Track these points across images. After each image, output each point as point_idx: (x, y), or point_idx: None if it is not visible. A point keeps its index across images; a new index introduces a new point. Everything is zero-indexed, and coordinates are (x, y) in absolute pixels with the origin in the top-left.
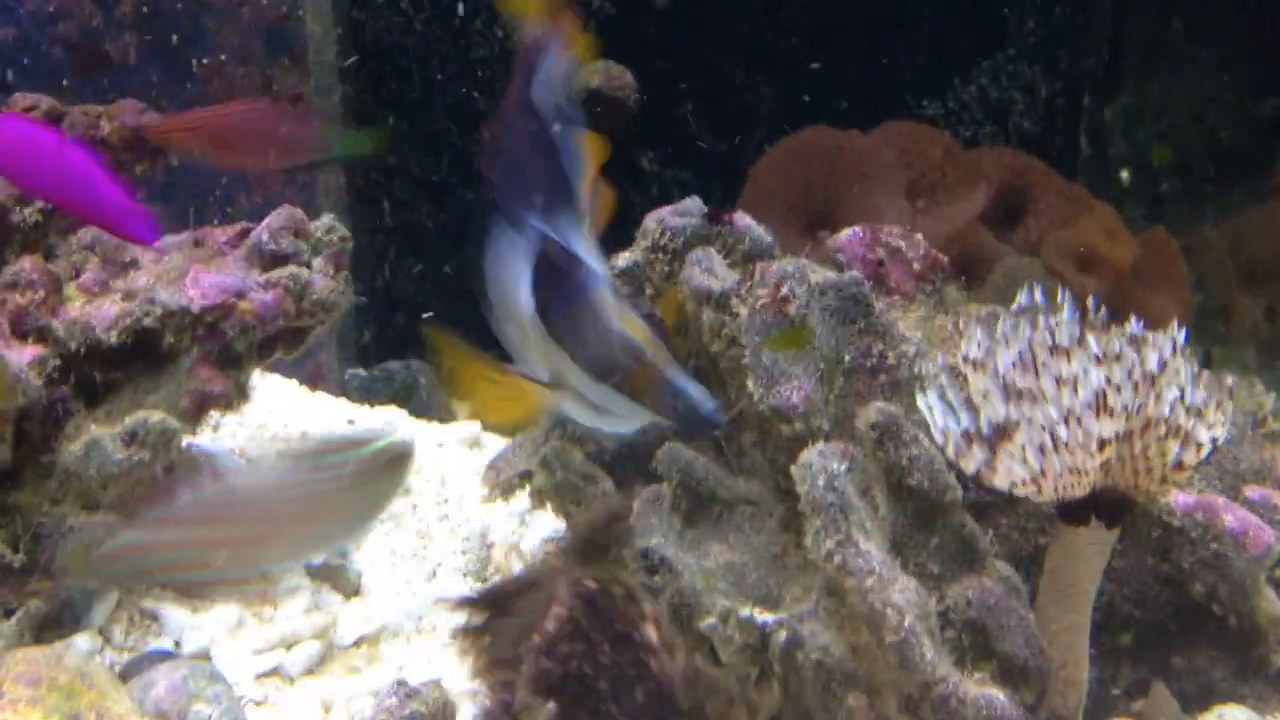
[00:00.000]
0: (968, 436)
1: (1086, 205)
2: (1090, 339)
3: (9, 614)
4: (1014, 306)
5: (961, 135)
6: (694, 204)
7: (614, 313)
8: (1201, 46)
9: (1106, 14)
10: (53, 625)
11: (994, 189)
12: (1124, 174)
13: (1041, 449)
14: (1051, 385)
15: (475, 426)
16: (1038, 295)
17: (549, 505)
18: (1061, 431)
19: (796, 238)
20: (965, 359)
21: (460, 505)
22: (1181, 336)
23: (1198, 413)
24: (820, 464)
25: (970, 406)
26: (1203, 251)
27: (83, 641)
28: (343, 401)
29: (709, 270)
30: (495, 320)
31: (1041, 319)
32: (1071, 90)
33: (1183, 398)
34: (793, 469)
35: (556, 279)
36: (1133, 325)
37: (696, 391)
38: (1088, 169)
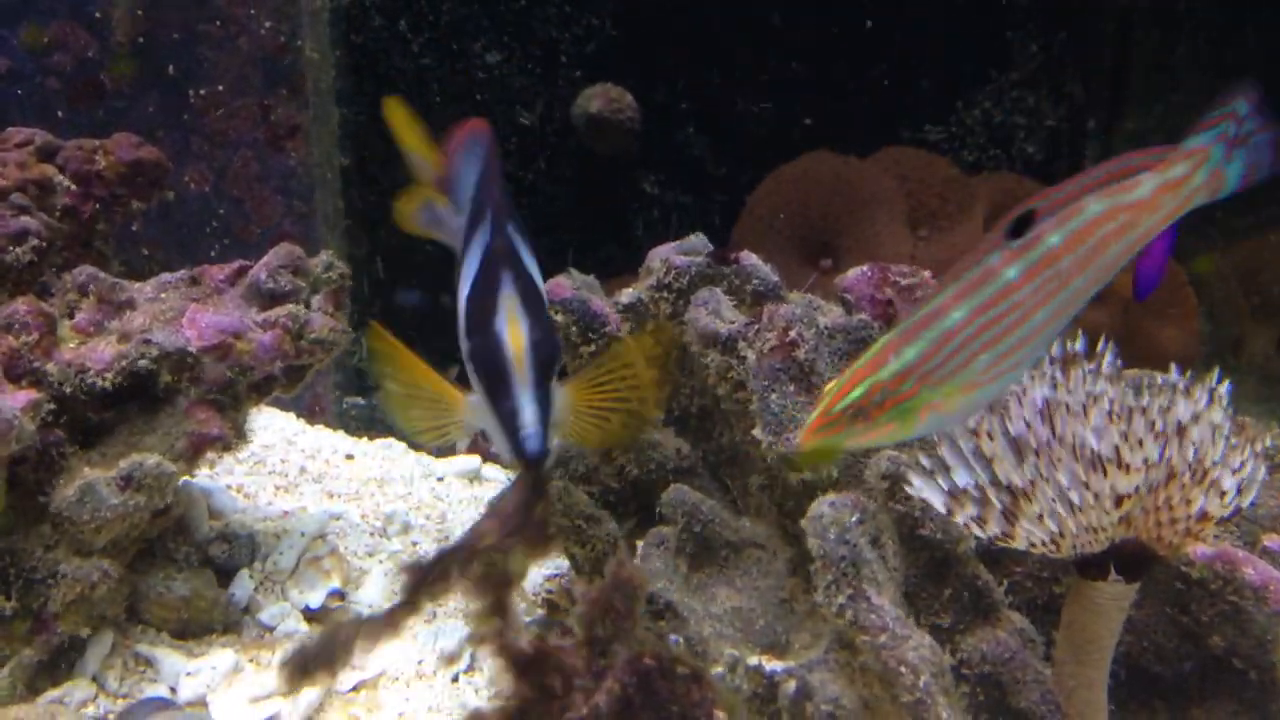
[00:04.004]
0: (979, 515)
1: None
2: (1106, 393)
3: (1, 663)
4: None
5: (965, 160)
6: (699, 241)
7: (507, 314)
8: (1206, 70)
9: (1110, 38)
10: (46, 673)
11: (989, 209)
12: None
13: (1057, 512)
14: (1065, 446)
15: (475, 461)
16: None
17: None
18: (1075, 496)
19: (797, 265)
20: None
21: None
22: (1224, 389)
23: (1228, 468)
24: (832, 516)
25: (975, 469)
26: (1212, 281)
27: (77, 689)
28: (340, 435)
29: (715, 312)
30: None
31: (1051, 372)
32: (1075, 115)
33: (1208, 449)
34: (803, 521)
35: (488, 271)
36: (1173, 374)
37: (530, 420)
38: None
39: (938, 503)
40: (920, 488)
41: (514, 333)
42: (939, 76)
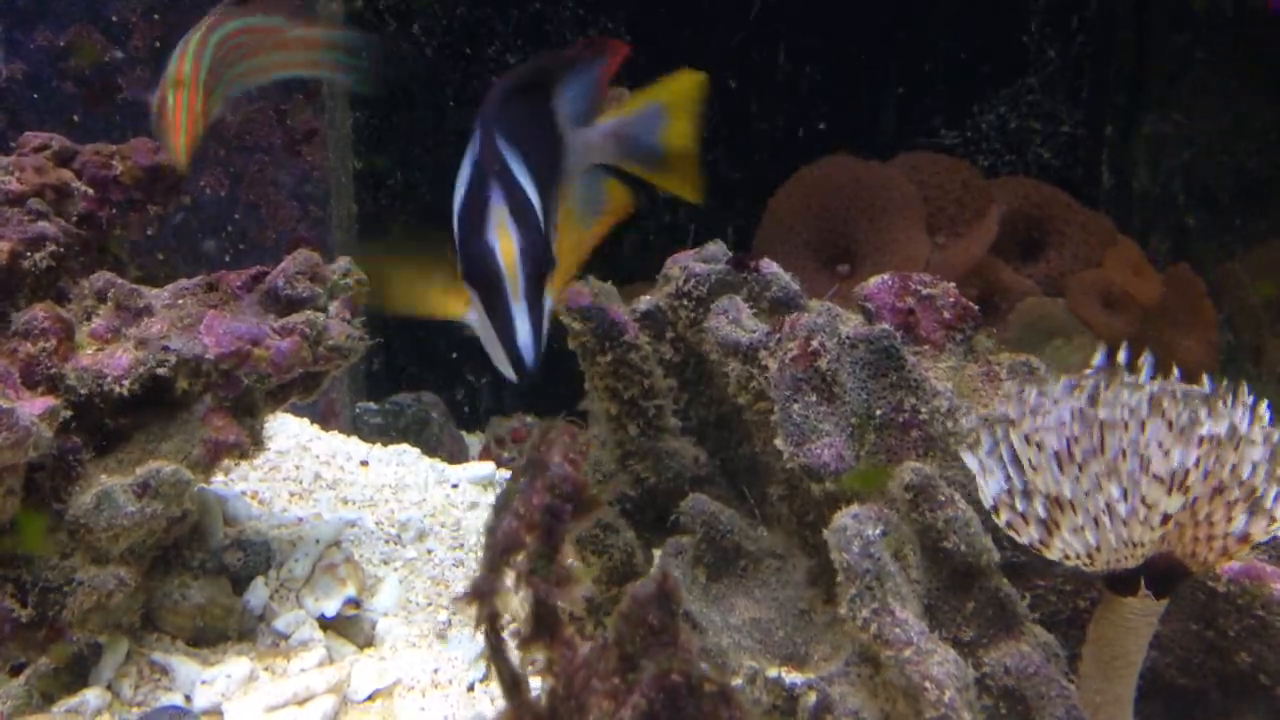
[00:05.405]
0: (1023, 514)
1: (1111, 237)
2: (1167, 407)
3: (17, 671)
4: (1083, 370)
5: (980, 165)
6: (718, 249)
7: (497, 225)
8: (1226, 75)
9: (1129, 42)
10: (62, 681)
11: (1004, 213)
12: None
13: (1098, 524)
14: (1116, 459)
15: (489, 467)
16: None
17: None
18: (1123, 509)
19: (814, 270)
20: (1024, 436)
21: (476, 549)
22: (1264, 408)
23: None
24: (855, 528)
25: (1020, 471)
26: (1231, 289)
27: (92, 697)
28: (355, 441)
29: (736, 321)
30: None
31: (1092, 384)
32: (1093, 120)
33: (1262, 467)
34: (826, 533)
35: (476, 184)
36: (1206, 385)
37: (525, 334)
38: (1109, 201)
39: (988, 495)
40: (978, 472)
41: (505, 244)
42: (954, 81)
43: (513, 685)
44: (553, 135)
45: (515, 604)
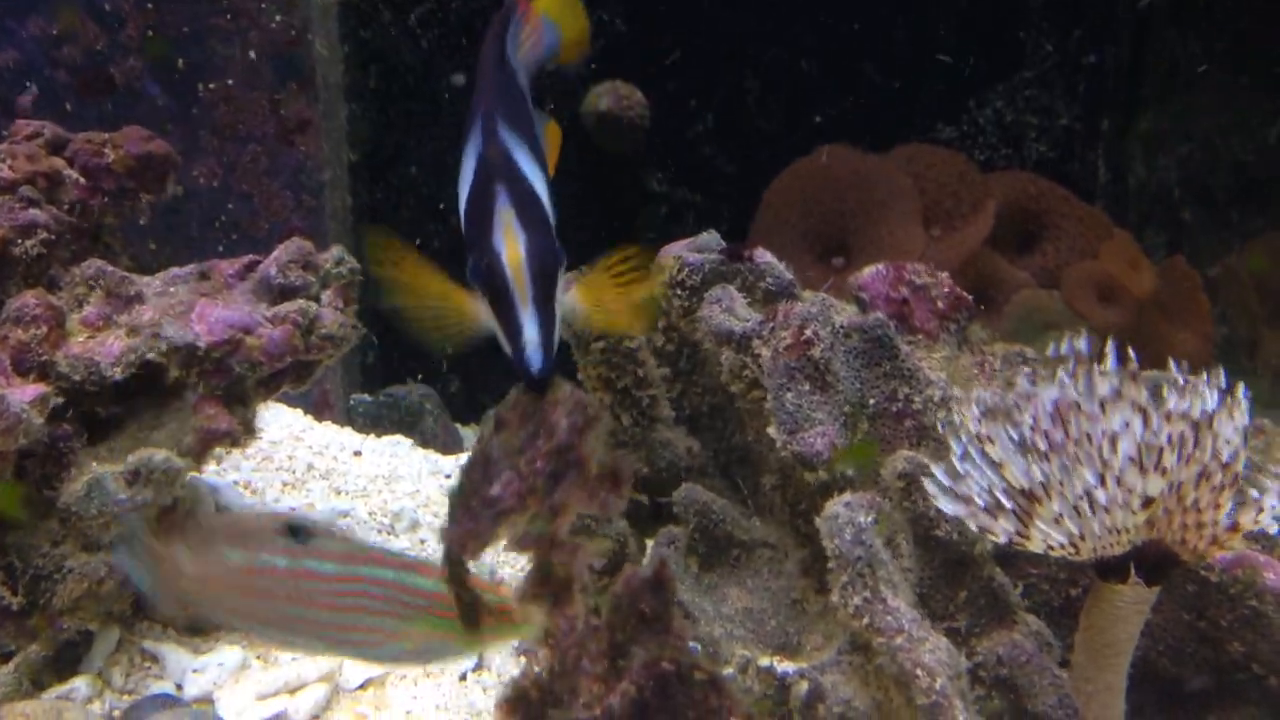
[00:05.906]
0: (992, 510)
1: (1107, 231)
2: (1136, 389)
3: (7, 658)
4: (1048, 352)
5: (976, 159)
6: (712, 239)
7: (503, 229)
8: (1224, 70)
9: (1126, 37)
10: (52, 669)
11: (999, 206)
12: None
13: (1078, 512)
14: (1087, 442)
15: None
16: (1071, 345)
17: None
18: (1100, 495)
19: (810, 262)
20: (980, 435)
21: None
22: (1240, 392)
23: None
24: (847, 516)
25: (994, 469)
26: (1227, 283)
27: (82, 685)
28: (348, 431)
29: (729, 310)
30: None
31: (1067, 370)
32: (1089, 115)
33: (1240, 451)
34: (818, 521)
35: (482, 183)
36: (1172, 368)
37: (532, 339)
38: (1106, 196)
39: (949, 508)
40: (935, 494)
41: (511, 249)
42: (951, 75)
43: (470, 609)
44: (523, 96)
45: (507, 593)
